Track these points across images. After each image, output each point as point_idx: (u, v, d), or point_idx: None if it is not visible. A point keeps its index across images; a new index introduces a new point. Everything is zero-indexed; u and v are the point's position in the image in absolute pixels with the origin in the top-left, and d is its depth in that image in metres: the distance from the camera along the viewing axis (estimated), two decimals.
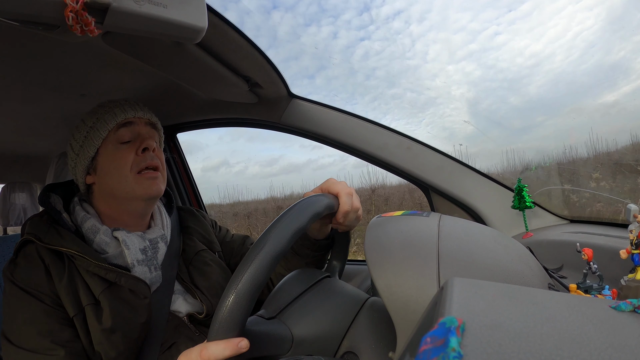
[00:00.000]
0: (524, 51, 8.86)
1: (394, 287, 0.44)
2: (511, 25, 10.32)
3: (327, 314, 0.53)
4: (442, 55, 12.05)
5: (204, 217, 0.94)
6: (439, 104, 9.02)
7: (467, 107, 8.66)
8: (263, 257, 0.43)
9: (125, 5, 0.45)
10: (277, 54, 14.09)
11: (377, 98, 12.03)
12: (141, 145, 0.74)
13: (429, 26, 13.24)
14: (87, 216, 0.73)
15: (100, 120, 0.74)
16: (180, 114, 1.25)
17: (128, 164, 0.73)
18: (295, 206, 0.51)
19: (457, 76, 10.58)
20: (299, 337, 0.50)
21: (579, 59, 7.10)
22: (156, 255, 0.75)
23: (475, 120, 8.95)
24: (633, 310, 0.26)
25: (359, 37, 15.31)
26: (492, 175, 1.01)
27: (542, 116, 6.10)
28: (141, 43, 0.69)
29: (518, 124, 5.98)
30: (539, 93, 7.16)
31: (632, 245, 0.45)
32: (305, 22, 15.81)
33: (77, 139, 0.76)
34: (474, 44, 10.86)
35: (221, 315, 0.42)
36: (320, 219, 0.69)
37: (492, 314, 0.26)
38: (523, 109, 6.96)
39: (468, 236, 0.50)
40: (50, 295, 0.65)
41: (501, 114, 7.58)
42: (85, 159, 0.75)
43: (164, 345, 0.70)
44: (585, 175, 1.80)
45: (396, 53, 12.69)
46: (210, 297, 0.76)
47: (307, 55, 14.17)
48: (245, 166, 10.77)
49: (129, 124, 0.75)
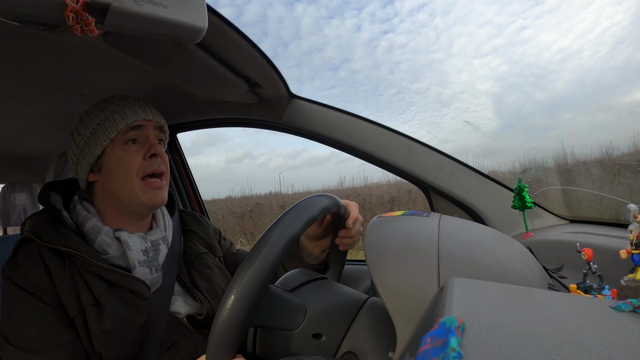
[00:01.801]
0: (551, 46, 8.77)
1: (394, 287, 0.44)
2: (538, 19, 10.20)
3: (339, 296, 0.57)
4: (467, 49, 11.96)
5: (207, 223, 0.95)
6: (463, 99, 8.98)
7: (492, 103, 8.63)
8: (258, 265, 0.44)
9: (126, 6, 0.45)
10: (299, 46, 14.05)
11: (400, 91, 12.03)
12: (149, 151, 0.74)
13: (454, 19, 13.19)
14: (89, 216, 0.73)
15: (109, 120, 0.72)
16: (180, 114, 1.25)
17: (135, 168, 0.72)
18: (306, 200, 0.54)
19: (483, 71, 10.50)
20: (312, 311, 0.53)
21: (607, 55, 7.02)
22: (157, 256, 0.74)
23: (500, 116, 8.89)
24: (633, 310, 0.26)
25: (383, 30, 15.27)
26: (508, 174, 1.01)
27: (568, 113, 6.05)
28: (141, 43, 0.69)
29: (543, 121, 5.93)
30: (565, 89, 7.09)
31: (632, 245, 0.45)
32: (328, 15, 15.82)
33: (82, 134, 0.74)
34: (499, 38, 10.78)
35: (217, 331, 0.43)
36: (321, 239, 0.77)
37: (492, 314, 0.26)
38: (549, 105, 6.90)
39: (468, 236, 0.50)
40: (51, 294, 0.65)
41: (527, 110, 7.52)
42: (90, 157, 0.73)
43: (163, 345, 0.70)
44: (599, 176, 1.75)
45: (420, 46, 12.65)
46: (210, 299, 0.76)
47: (332, 46, 14.26)
48: (269, 158, 10.80)
49: (139, 127, 0.74)
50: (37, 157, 1.58)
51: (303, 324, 0.52)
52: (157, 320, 0.70)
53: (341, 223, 0.71)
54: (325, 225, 0.76)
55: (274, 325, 0.51)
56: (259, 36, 14.18)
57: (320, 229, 0.76)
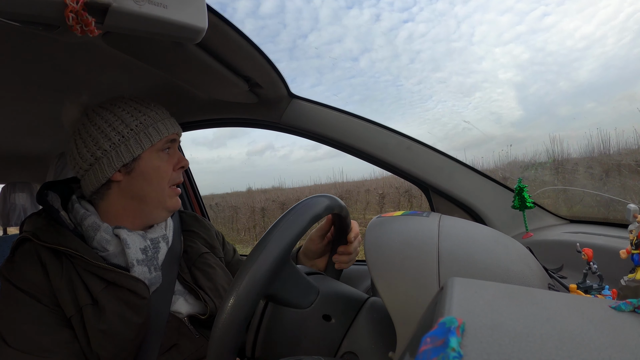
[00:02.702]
0: (574, 33, 8.70)
1: (394, 287, 0.44)
2: (560, 5, 10.12)
3: (346, 287, 0.59)
4: (488, 37, 11.85)
5: (209, 225, 0.95)
6: (486, 87, 8.92)
7: (514, 92, 8.58)
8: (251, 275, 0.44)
9: (126, 6, 0.45)
10: (319, 37, 14.09)
11: (422, 81, 12.04)
12: (180, 163, 0.78)
13: (475, 7, 13.11)
14: (87, 213, 0.72)
15: (152, 126, 0.74)
16: (181, 114, 1.25)
17: (168, 176, 0.76)
18: (311, 199, 0.54)
19: (505, 59, 10.42)
20: (324, 293, 0.55)
21: (632, 42, 6.97)
22: (157, 255, 0.74)
23: (524, 104, 8.87)
24: (633, 310, 0.26)
25: (402, 19, 15.20)
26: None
27: (592, 102, 6.02)
28: (141, 43, 0.69)
29: (567, 110, 5.89)
30: (589, 78, 7.05)
31: (632, 245, 0.45)
32: (347, 5, 15.79)
33: (116, 129, 0.71)
34: (521, 26, 10.68)
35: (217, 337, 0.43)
36: (320, 256, 0.80)
37: (492, 314, 0.26)
38: (573, 94, 6.85)
39: (468, 236, 0.50)
40: (48, 294, 0.64)
41: (550, 98, 7.48)
42: (126, 156, 0.71)
43: (163, 346, 0.70)
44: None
45: (441, 35, 12.60)
46: (214, 298, 0.76)
47: (351, 37, 14.21)
48: (290, 150, 10.83)
49: (174, 140, 0.78)
50: (37, 157, 1.58)
51: (314, 304, 0.53)
52: (157, 320, 0.70)
53: (342, 234, 0.74)
54: (326, 242, 0.78)
55: (288, 298, 0.52)
56: (277, 28, 14.10)
57: (321, 244, 0.77)
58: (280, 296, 0.51)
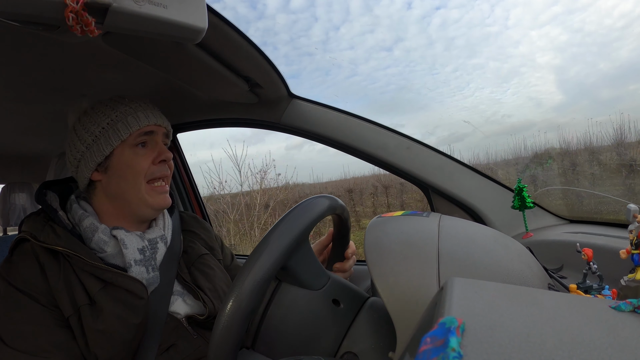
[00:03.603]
0: (612, 11, 8.43)
1: (394, 287, 0.44)
2: None
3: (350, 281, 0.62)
4: (523, 20, 11.51)
5: (209, 228, 0.95)
6: (523, 72, 8.70)
7: (553, 76, 8.36)
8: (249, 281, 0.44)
9: (126, 6, 0.45)
10: (352, 28, 13.98)
11: (458, 68, 11.88)
12: (159, 157, 0.75)
13: None
14: (85, 214, 0.72)
15: (121, 121, 0.72)
16: (181, 114, 1.25)
17: (143, 171, 0.73)
18: (314, 199, 0.55)
19: (541, 42, 10.17)
20: (334, 279, 0.57)
21: None
22: (155, 255, 0.74)
23: (564, 88, 8.62)
24: (633, 310, 0.26)
25: (435, 5, 14.96)
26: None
27: (635, 84, 5.85)
28: (141, 43, 0.69)
29: (608, 93, 5.69)
30: (630, 57, 6.81)
31: (632, 245, 0.45)
32: None
33: (89, 131, 0.73)
34: (557, 6, 10.37)
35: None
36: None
37: (492, 314, 0.26)
38: (614, 75, 6.61)
39: (468, 236, 0.50)
40: (46, 295, 0.64)
41: (591, 81, 7.27)
42: (98, 155, 0.72)
43: (161, 346, 0.70)
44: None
45: (475, 20, 12.29)
46: (213, 299, 0.76)
47: (383, 27, 13.90)
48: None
49: (150, 133, 0.76)
50: (37, 157, 1.58)
51: (326, 287, 0.55)
52: (155, 321, 0.70)
53: (343, 243, 0.75)
54: (322, 259, 0.79)
55: (302, 276, 0.53)
56: (309, 21, 14.01)
57: (321, 256, 0.78)
58: (295, 271, 0.52)
